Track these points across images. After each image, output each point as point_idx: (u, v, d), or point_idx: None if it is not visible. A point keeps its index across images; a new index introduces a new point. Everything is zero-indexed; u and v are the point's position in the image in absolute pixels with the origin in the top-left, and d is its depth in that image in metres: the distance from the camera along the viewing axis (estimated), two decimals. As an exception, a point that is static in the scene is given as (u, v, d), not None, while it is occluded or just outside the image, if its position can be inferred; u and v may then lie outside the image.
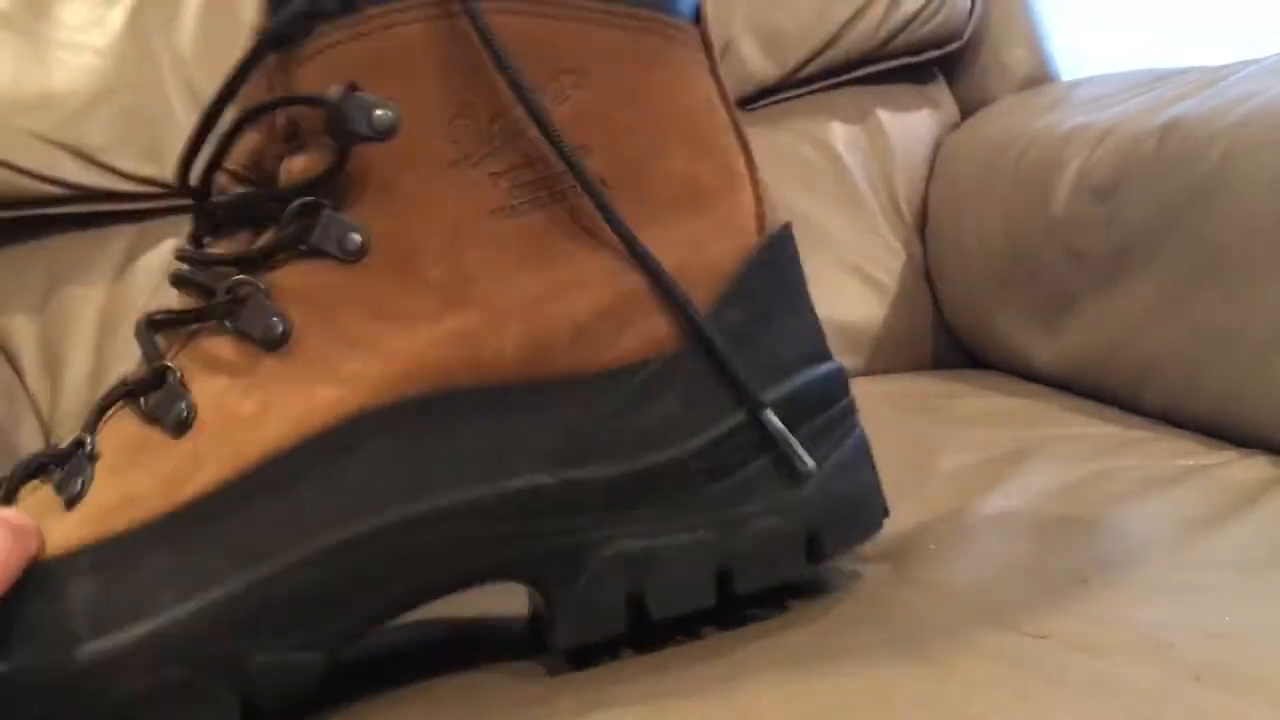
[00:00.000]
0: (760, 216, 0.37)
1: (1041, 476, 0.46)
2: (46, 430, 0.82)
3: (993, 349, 0.75)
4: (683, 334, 0.35)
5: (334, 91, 0.33)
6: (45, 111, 0.82)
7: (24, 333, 0.84)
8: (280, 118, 0.34)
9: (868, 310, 0.86)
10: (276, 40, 0.33)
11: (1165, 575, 0.36)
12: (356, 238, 0.34)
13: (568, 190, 0.34)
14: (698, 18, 0.36)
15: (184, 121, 0.83)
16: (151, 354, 0.35)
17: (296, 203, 0.34)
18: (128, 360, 0.81)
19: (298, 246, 0.34)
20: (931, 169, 0.88)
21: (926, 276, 0.87)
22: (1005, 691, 0.29)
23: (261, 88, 0.34)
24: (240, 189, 0.36)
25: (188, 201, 0.86)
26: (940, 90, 0.93)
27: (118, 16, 0.85)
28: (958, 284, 0.79)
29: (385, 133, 0.33)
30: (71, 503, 0.33)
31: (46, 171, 0.81)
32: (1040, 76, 0.92)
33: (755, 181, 0.37)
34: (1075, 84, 0.84)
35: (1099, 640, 0.31)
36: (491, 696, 0.34)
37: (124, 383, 0.36)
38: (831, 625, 0.35)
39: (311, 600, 0.32)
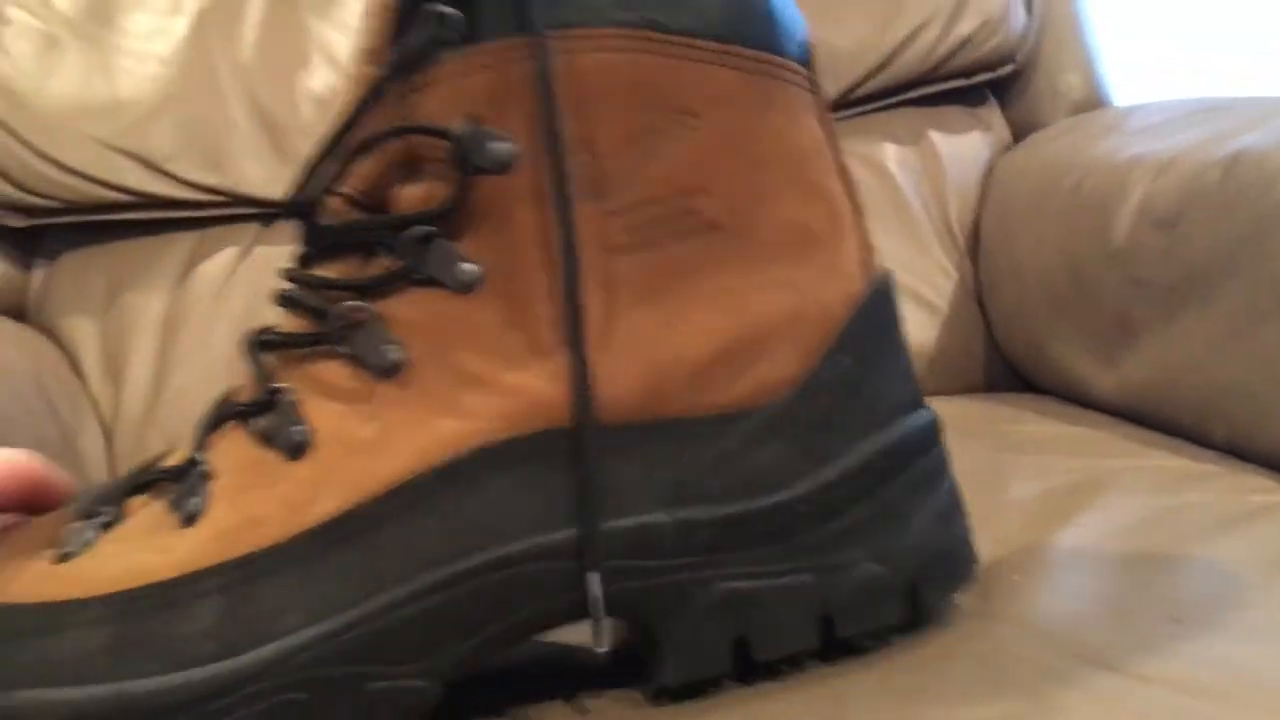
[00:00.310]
0: (865, 262, 0.38)
1: (1116, 509, 0.46)
2: (108, 434, 0.83)
3: (1046, 374, 0.76)
4: (795, 380, 0.36)
5: (458, 124, 0.33)
6: (110, 119, 0.83)
7: (86, 337, 0.85)
8: (396, 144, 0.35)
9: (920, 332, 0.87)
10: (400, 69, 0.34)
11: (1260, 616, 0.36)
12: (471, 269, 0.34)
13: (685, 230, 0.35)
14: (808, 59, 0.37)
15: (244, 130, 0.85)
16: (262, 375, 0.36)
17: (412, 232, 0.34)
18: (189, 365, 0.83)
19: (412, 275, 0.35)
20: (983, 191, 0.89)
21: (978, 299, 0.87)
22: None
23: (380, 113, 0.35)
24: (351, 211, 0.36)
25: (247, 210, 0.87)
26: (992, 113, 0.94)
27: (180, 26, 0.86)
28: (1011, 307, 0.80)
29: (503, 166, 0.34)
30: (190, 520, 0.33)
31: (110, 178, 0.83)
32: (1093, 101, 0.92)
33: (861, 227, 0.38)
34: (1129, 111, 0.84)
35: (1205, 684, 0.32)
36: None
37: (232, 403, 0.36)
38: (929, 659, 0.35)
39: (430, 629, 0.33)
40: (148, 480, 0.36)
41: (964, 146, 0.91)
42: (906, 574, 0.36)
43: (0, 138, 0.82)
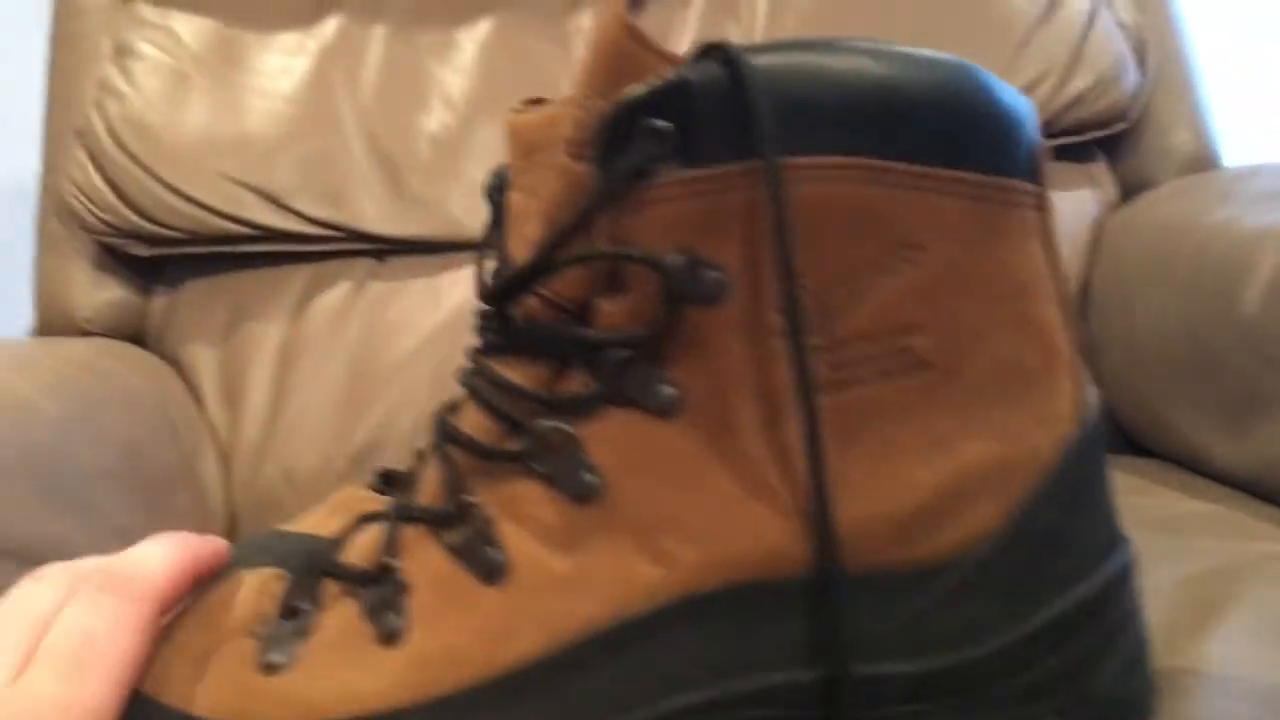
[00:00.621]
0: (1078, 402, 0.36)
1: (1265, 604, 0.46)
2: (225, 460, 0.86)
3: (1161, 438, 0.76)
4: (997, 532, 0.35)
5: (670, 255, 0.33)
6: (236, 155, 0.85)
7: (206, 364, 0.88)
8: (599, 261, 0.35)
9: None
10: (614, 185, 0.33)
11: None
12: (673, 393, 0.34)
13: (893, 369, 0.34)
14: (1036, 168, 0.35)
15: (363, 168, 0.86)
16: (454, 484, 0.36)
17: (614, 353, 0.34)
18: (304, 395, 0.85)
19: (611, 396, 0.34)
20: (1094, 249, 0.88)
21: (1085, 355, 0.87)
22: None
23: (590, 226, 0.34)
24: (547, 313, 0.36)
25: (362, 245, 0.88)
26: (1101, 169, 0.93)
27: (305, 65, 0.88)
28: (1124, 368, 0.79)
29: (713, 298, 0.33)
30: (389, 638, 0.34)
31: (234, 211, 0.85)
32: (1203, 159, 0.91)
33: (1076, 363, 0.36)
34: (1243, 174, 0.83)
35: None
36: None
37: (422, 506, 0.37)
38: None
39: None
40: (338, 574, 0.36)
41: (1073, 202, 0.90)
42: None
43: (130, 170, 0.85)
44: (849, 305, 0.34)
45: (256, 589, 0.37)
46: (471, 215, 0.87)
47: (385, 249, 0.89)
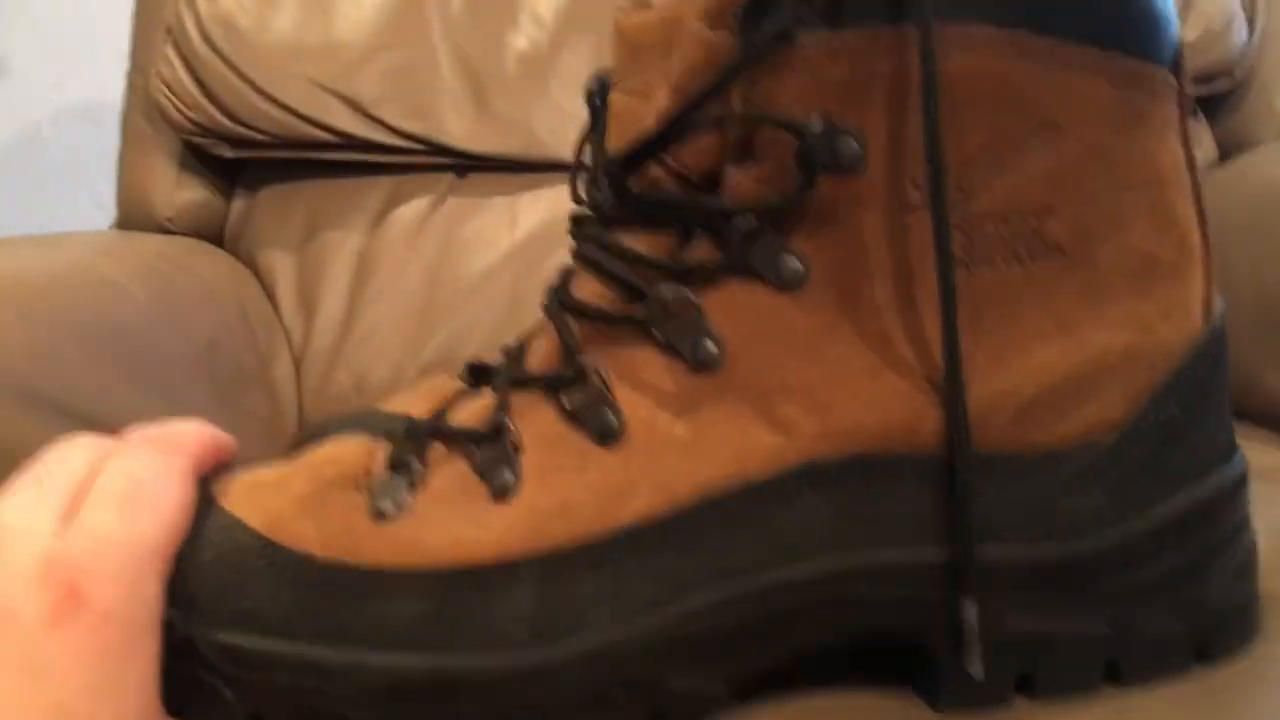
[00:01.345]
0: (1208, 301, 0.36)
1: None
2: (298, 363, 0.86)
3: (1252, 401, 0.74)
4: (1120, 423, 0.35)
5: (810, 119, 0.32)
6: (323, 61, 0.85)
7: (283, 269, 0.88)
8: (737, 127, 0.34)
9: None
10: (755, 48, 0.32)
11: None
12: (798, 266, 0.33)
13: (1025, 252, 0.34)
14: (1179, 65, 0.35)
15: (449, 82, 0.86)
16: (571, 346, 0.36)
17: (741, 221, 0.34)
18: (379, 306, 0.85)
19: (735, 266, 0.34)
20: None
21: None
22: None
23: (727, 89, 0.33)
24: (673, 184, 0.36)
25: (444, 159, 0.88)
26: (1201, 127, 0.90)
27: (397, -26, 0.88)
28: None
29: (850, 167, 0.33)
30: (501, 493, 0.33)
31: (319, 117, 0.85)
32: (1309, 127, 0.90)
33: (1209, 260, 0.36)
34: (1349, 138, 0.81)
35: None
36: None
37: (538, 371, 0.36)
38: (1225, 684, 0.35)
39: (729, 637, 0.33)
40: (444, 432, 0.36)
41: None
42: (1200, 630, 0.36)
43: (218, 69, 0.85)
44: (985, 183, 0.33)
45: (363, 450, 0.37)
46: (555, 135, 0.86)
47: (466, 165, 0.88)
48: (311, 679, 0.32)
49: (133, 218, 0.90)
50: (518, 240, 0.87)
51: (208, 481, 0.35)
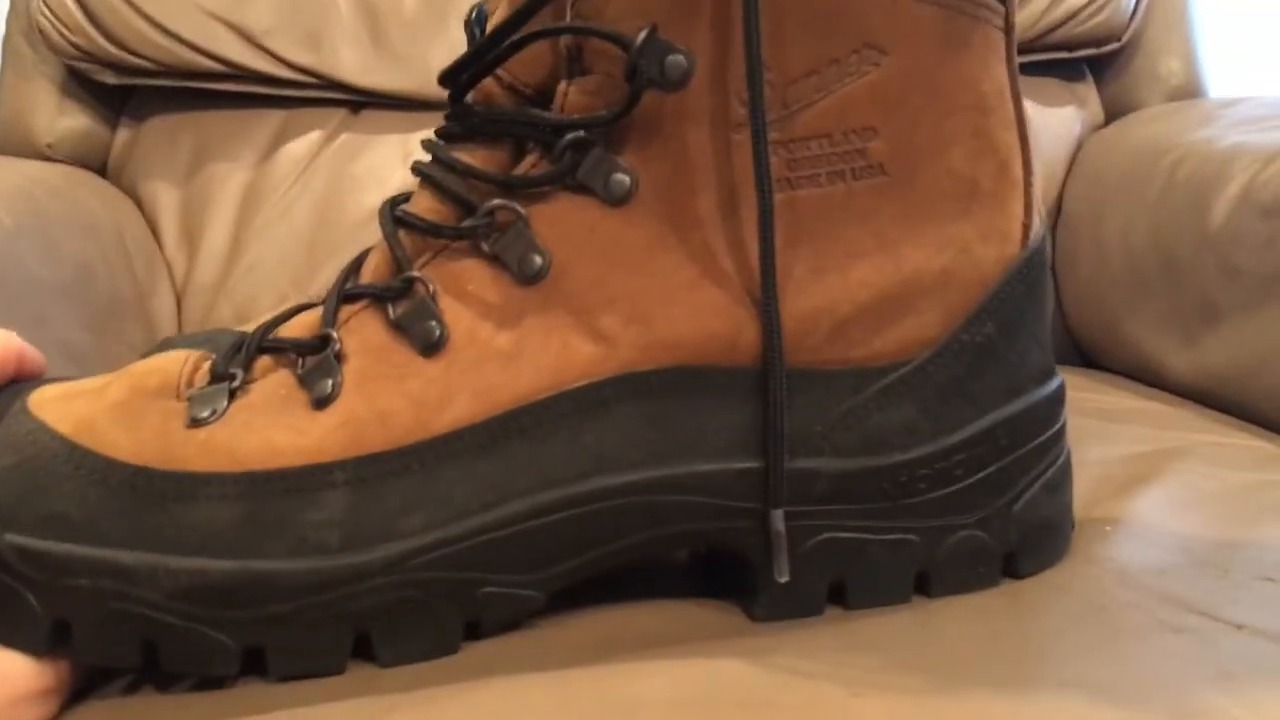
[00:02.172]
0: (1027, 226, 0.36)
1: (1201, 478, 0.46)
2: (179, 296, 0.85)
3: (1117, 352, 0.76)
4: (935, 341, 0.35)
5: (637, 33, 0.32)
6: (214, -13, 0.83)
7: (167, 201, 0.86)
8: (568, 40, 0.34)
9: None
10: None
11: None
12: (625, 180, 0.34)
13: (848, 172, 0.34)
14: None
15: (345, 15, 0.84)
16: (401, 260, 0.35)
17: (571, 136, 0.34)
18: (263, 241, 0.84)
19: (564, 180, 0.34)
20: (1071, 166, 0.88)
21: (1052, 270, 0.87)
22: (1205, 669, 0.31)
23: (559, 7, 0.34)
24: (507, 98, 0.36)
25: (338, 94, 0.86)
26: (1088, 89, 0.92)
27: (293, -99, 0.86)
28: (1088, 282, 0.80)
29: (677, 83, 0.33)
30: (321, 403, 0.33)
31: (207, 46, 0.83)
32: (1191, 89, 0.91)
33: (1029, 186, 0.36)
34: (1228, 102, 0.83)
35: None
36: (686, 627, 0.35)
37: (366, 284, 0.36)
38: (1024, 591, 0.36)
39: (543, 544, 0.34)
40: (271, 345, 0.36)
41: (1056, 119, 0.89)
42: (1008, 543, 0.37)
43: (103, -8, 0.82)
44: (808, 102, 0.34)
45: (189, 362, 0.36)
46: (450, 73, 0.85)
47: (360, 101, 0.87)
48: (116, 583, 0.31)
49: (11, 143, 0.87)
50: (410, 179, 0.85)
51: (17, 389, 0.34)
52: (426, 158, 0.37)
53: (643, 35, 0.32)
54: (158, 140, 0.87)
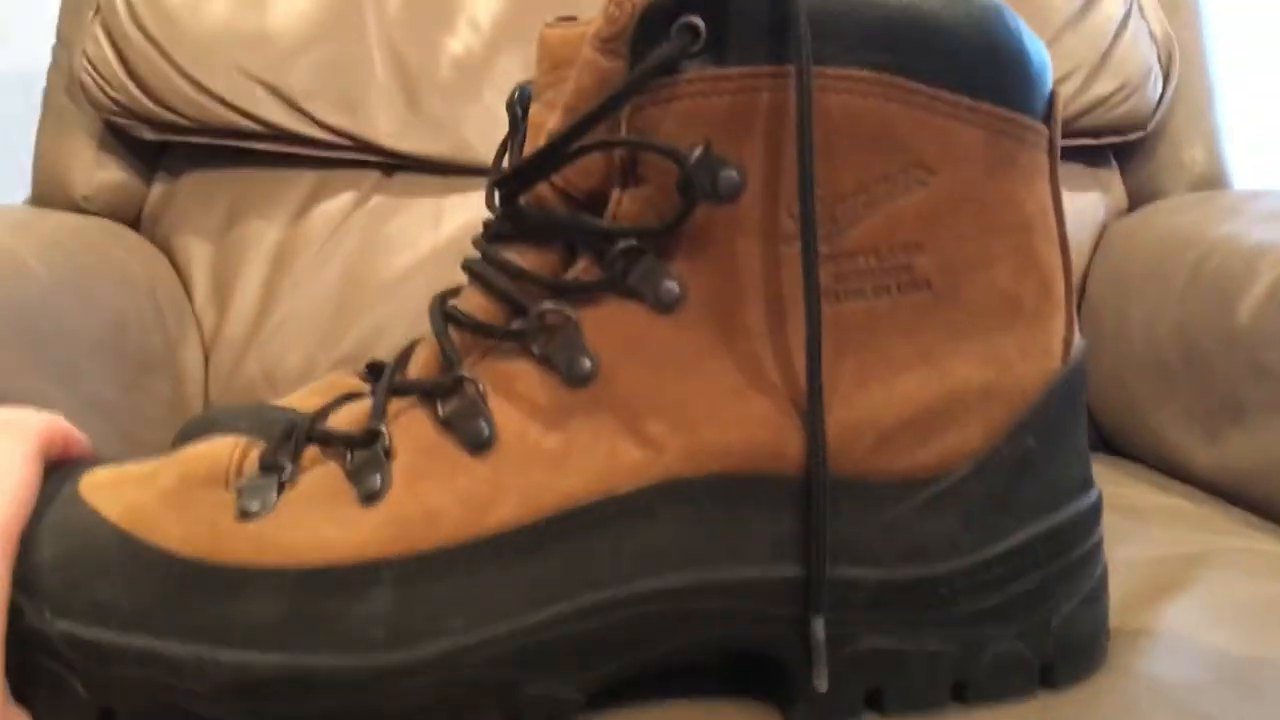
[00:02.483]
0: (1068, 341, 0.37)
1: (1228, 587, 0.46)
2: (207, 351, 0.85)
3: (1139, 440, 0.76)
4: (977, 454, 0.36)
5: (690, 149, 0.33)
6: (254, 50, 0.84)
7: (200, 256, 0.87)
8: (622, 152, 0.35)
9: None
10: (642, 77, 0.33)
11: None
12: (675, 289, 0.34)
13: (894, 286, 0.35)
14: (1051, 114, 0.36)
15: (381, 80, 0.86)
16: (451, 358, 0.36)
17: (623, 244, 0.34)
18: (294, 299, 0.85)
19: (615, 285, 0.35)
20: (1094, 252, 0.89)
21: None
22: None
23: (615, 118, 0.34)
24: (559, 204, 0.36)
25: (372, 157, 0.88)
26: (1112, 175, 0.93)
27: (334, -32, 0.87)
28: (1111, 369, 0.80)
29: (728, 197, 0.34)
30: (369, 498, 0.34)
31: (246, 106, 0.84)
32: (1214, 178, 0.92)
33: (1069, 302, 0.37)
34: (1252, 195, 0.84)
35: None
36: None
37: (415, 380, 0.37)
38: (1063, 704, 0.36)
39: (585, 646, 0.34)
40: (322, 437, 0.36)
41: (1081, 204, 0.90)
42: (1045, 655, 0.37)
43: (146, 51, 0.84)
44: (857, 218, 0.35)
45: (238, 448, 0.37)
46: (485, 140, 0.87)
47: (394, 164, 0.88)
48: (163, 674, 0.32)
49: (48, 194, 0.88)
50: (440, 242, 0.87)
51: (67, 473, 0.35)
52: (467, 226, 0.38)
53: (697, 152, 0.33)
54: (192, 196, 0.88)
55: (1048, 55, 0.36)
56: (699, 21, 0.33)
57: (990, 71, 0.35)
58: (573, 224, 0.36)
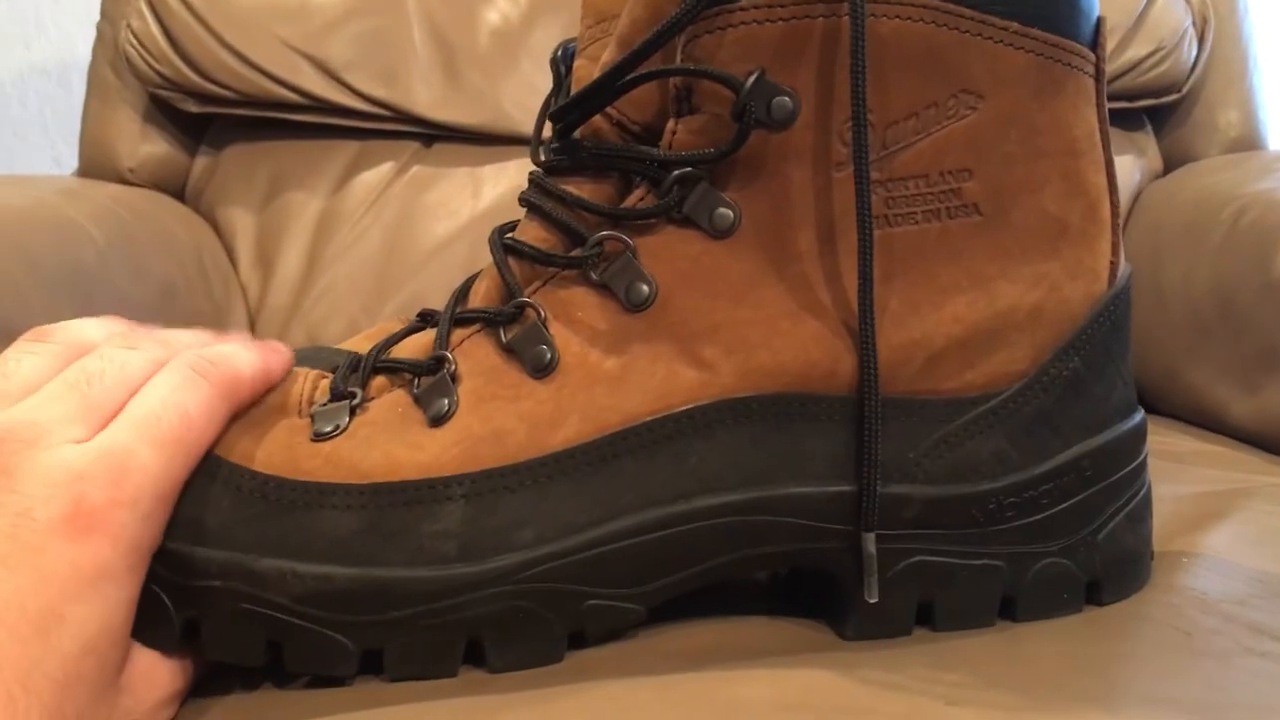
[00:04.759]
0: (1114, 264, 0.38)
1: (1269, 515, 0.48)
2: (252, 318, 0.87)
3: (1177, 398, 0.77)
4: (1024, 374, 0.37)
5: (745, 75, 0.34)
6: (295, 23, 0.86)
7: (243, 226, 0.89)
8: (678, 80, 0.36)
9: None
10: (697, 10, 0.34)
11: None
12: (729, 215, 0.35)
13: (943, 210, 0.36)
14: (1097, 41, 0.37)
15: (420, 52, 0.87)
16: (512, 286, 0.37)
17: (679, 172, 0.35)
18: (336, 267, 0.86)
19: (671, 213, 0.36)
20: (1130, 214, 0.90)
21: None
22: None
23: (669, 48, 0.35)
24: (616, 135, 0.37)
25: (411, 128, 0.89)
26: (1147, 139, 0.94)
27: (373, -58, 0.89)
28: (1148, 328, 0.80)
29: (782, 123, 0.34)
30: (437, 420, 0.35)
31: (288, 78, 0.86)
32: (1249, 140, 0.92)
33: (1115, 227, 0.38)
34: (1287, 153, 0.84)
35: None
36: (780, 641, 0.36)
37: (478, 308, 0.38)
38: (1107, 617, 0.37)
39: (647, 560, 0.35)
40: (390, 366, 0.38)
41: (1117, 167, 0.91)
42: (1091, 572, 0.38)
43: (189, 24, 0.85)
44: (908, 144, 0.35)
45: (308, 379, 0.38)
46: (522, 110, 0.88)
47: (432, 134, 0.90)
48: (246, 585, 0.33)
49: (95, 167, 0.90)
50: (479, 210, 0.88)
51: None
52: (505, 193, 0.38)
53: (753, 78, 0.34)
54: (235, 167, 0.90)
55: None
56: None
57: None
58: (628, 154, 0.37)
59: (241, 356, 0.36)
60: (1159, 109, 0.94)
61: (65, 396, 0.32)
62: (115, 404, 0.33)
